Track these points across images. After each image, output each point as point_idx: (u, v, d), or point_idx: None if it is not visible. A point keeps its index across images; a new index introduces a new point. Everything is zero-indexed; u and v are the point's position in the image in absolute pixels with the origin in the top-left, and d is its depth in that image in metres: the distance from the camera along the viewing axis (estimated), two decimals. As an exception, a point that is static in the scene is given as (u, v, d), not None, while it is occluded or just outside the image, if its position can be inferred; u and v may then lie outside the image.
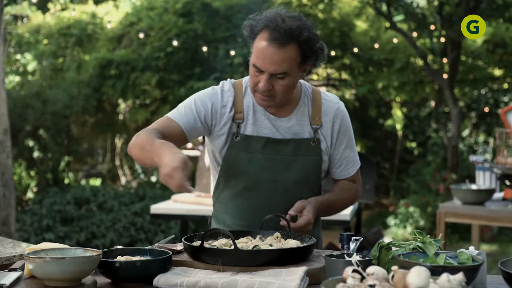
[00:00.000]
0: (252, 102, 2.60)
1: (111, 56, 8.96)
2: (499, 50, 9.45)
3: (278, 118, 2.60)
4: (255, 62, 2.46)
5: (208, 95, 2.61)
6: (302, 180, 2.59)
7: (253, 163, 2.57)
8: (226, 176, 2.61)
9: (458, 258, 1.99)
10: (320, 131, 2.61)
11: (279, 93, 2.49)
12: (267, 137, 2.58)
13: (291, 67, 2.45)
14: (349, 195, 2.73)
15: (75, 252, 2.14)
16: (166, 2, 9.39)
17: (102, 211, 8.21)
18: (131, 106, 9.54)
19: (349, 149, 2.69)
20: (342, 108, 2.67)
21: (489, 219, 5.31)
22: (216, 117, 2.58)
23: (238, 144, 2.57)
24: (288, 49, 2.42)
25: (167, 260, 2.20)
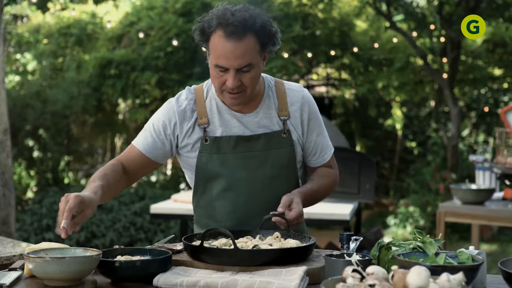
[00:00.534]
0: (215, 103, 2.57)
1: (111, 55, 8.96)
2: (499, 49, 9.45)
3: (244, 115, 2.57)
4: (216, 62, 2.42)
5: (162, 111, 2.60)
6: (278, 174, 2.57)
7: (226, 164, 2.56)
8: (202, 181, 2.60)
9: (458, 258, 1.99)
10: (289, 122, 2.59)
11: (248, 86, 2.46)
12: (237, 135, 2.56)
13: (253, 57, 2.43)
14: (328, 181, 2.71)
15: (75, 251, 2.14)
16: (166, 2, 9.39)
17: (102, 211, 8.21)
18: (131, 105, 9.54)
19: (321, 135, 2.67)
20: (307, 95, 2.65)
21: (489, 219, 5.31)
22: (176, 129, 2.57)
23: (208, 147, 2.56)
24: (247, 40, 2.40)
25: (166, 259, 2.20)
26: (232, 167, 2.56)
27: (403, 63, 8.96)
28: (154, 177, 10.50)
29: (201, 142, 2.56)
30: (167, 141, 2.58)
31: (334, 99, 9.75)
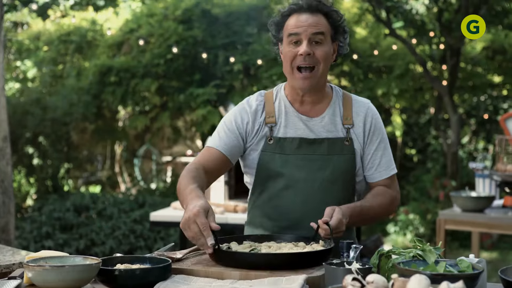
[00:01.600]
0: (284, 105, 2.63)
1: (111, 63, 8.97)
2: (498, 57, 9.46)
3: (310, 118, 2.62)
4: (290, 31, 2.52)
5: (235, 112, 2.66)
6: (337, 179, 2.60)
7: (288, 164, 2.60)
8: (262, 180, 2.64)
9: (458, 266, 1.98)
10: (353, 131, 2.63)
11: (320, 60, 2.52)
12: (301, 137, 2.60)
13: (326, 32, 2.53)
14: (383, 201, 2.66)
15: (74, 260, 2.14)
16: (166, 9, 9.40)
17: (101, 218, 8.20)
18: (131, 112, 9.54)
19: (381, 151, 2.67)
20: (373, 108, 2.69)
21: (489, 227, 5.30)
22: (248, 127, 2.63)
23: (272, 146, 2.61)
24: (319, 16, 2.53)
25: (166, 268, 2.20)
26: (293, 167, 2.60)
27: (403, 70, 8.97)
28: (154, 184, 10.50)
29: (265, 141, 2.61)
30: (241, 140, 2.63)
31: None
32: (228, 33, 8.95)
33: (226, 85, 8.80)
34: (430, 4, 9.33)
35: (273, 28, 2.63)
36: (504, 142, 5.42)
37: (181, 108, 9.08)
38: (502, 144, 5.40)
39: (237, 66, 8.63)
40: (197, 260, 2.43)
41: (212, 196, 5.63)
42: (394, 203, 2.70)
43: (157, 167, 11.06)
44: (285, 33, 2.56)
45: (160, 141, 11.17)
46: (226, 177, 5.62)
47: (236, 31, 8.95)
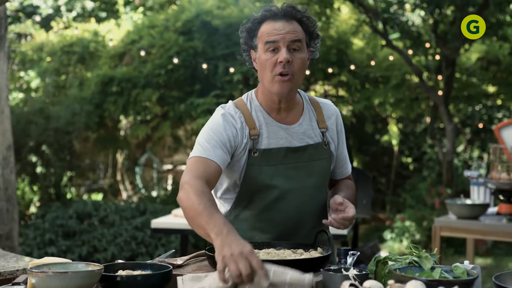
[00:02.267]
0: (261, 115, 2.55)
1: (113, 73, 8.99)
2: (493, 67, 9.48)
3: (290, 126, 2.57)
4: (267, 39, 2.45)
5: (222, 122, 2.50)
6: (322, 184, 2.63)
7: (277, 175, 2.53)
8: (248, 193, 2.55)
9: (453, 272, 1.99)
10: (328, 134, 2.64)
11: (297, 69, 2.46)
12: (286, 147, 2.55)
13: (302, 38, 2.48)
14: (353, 192, 2.74)
15: (77, 266, 2.14)
16: (166, 21, 9.42)
17: (103, 226, 8.19)
18: (132, 122, 9.55)
19: (344, 148, 2.74)
20: (337, 109, 2.73)
21: (483, 233, 5.30)
22: (237, 140, 2.50)
23: (258, 159, 2.52)
24: (294, 23, 2.48)
25: (167, 274, 2.20)
26: (282, 178, 2.54)
27: (399, 80, 8.99)
28: (155, 192, 10.50)
29: (249, 155, 2.51)
30: (229, 154, 2.49)
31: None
32: (228, 44, 8.97)
33: (226, 95, 8.81)
34: (426, 16, 9.36)
35: (245, 35, 2.55)
36: (499, 150, 5.42)
37: (181, 117, 9.09)
38: (497, 152, 5.41)
39: (237, 76, 8.64)
40: (197, 266, 2.43)
41: (212, 204, 5.64)
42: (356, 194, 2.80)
43: (158, 175, 11.06)
44: (261, 40, 2.48)
45: (161, 150, 11.18)
46: (226, 185, 5.62)
47: (235, 42, 8.96)
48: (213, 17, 9.12)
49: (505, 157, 5.45)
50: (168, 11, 9.88)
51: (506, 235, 5.07)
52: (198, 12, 9.19)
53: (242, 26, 2.56)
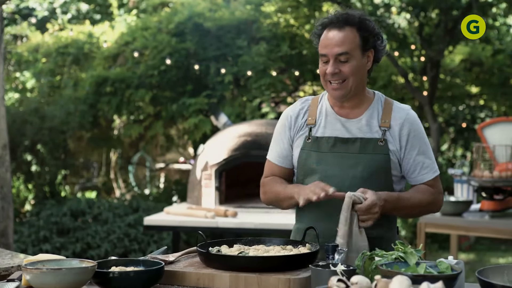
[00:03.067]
0: (325, 107, 2.72)
1: (107, 74, 8.95)
2: (476, 68, 9.51)
3: (349, 120, 2.67)
4: (321, 52, 2.61)
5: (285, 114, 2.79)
6: (368, 177, 2.61)
7: (323, 162, 2.65)
8: (301, 176, 2.70)
9: (437, 268, 1.99)
10: (389, 133, 2.64)
11: (347, 75, 2.57)
12: (335, 136, 2.66)
13: (352, 48, 2.57)
14: (423, 197, 2.68)
15: (71, 263, 2.13)
16: (159, 23, 9.39)
17: (97, 223, 8.16)
18: (126, 121, 9.51)
19: (423, 155, 2.68)
20: (413, 115, 2.71)
21: (466, 230, 5.32)
22: (295, 127, 2.73)
23: (309, 145, 2.68)
24: (347, 30, 2.58)
25: (159, 270, 2.19)
26: (327, 165, 2.65)
27: (386, 81, 9.00)
28: (148, 190, 10.47)
29: (304, 140, 2.69)
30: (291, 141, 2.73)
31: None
32: (219, 46, 8.95)
33: (217, 95, 8.79)
34: (411, 18, 9.37)
35: (315, 40, 2.69)
36: (481, 149, 5.44)
37: (174, 117, 9.06)
38: (480, 151, 5.43)
39: (228, 77, 8.62)
40: (188, 263, 2.43)
41: (203, 201, 5.63)
42: (436, 201, 2.71)
43: (151, 173, 11.03)
44: (319, 49, 2.65)
45: (154, 149, 11.14)
46: (217, 182, 5.61)
47: (227, 44, 8.96)
48: (205, 19, 9.10)
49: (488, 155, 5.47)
50: (161, 14, 9.85)
51: (489, 231, 5.10)
52: (190, 15, 9.17)
53: (313, 31, 2.71)
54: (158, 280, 2.21)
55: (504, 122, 5.50)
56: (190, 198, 5.86)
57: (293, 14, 9.14)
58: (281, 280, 2.17)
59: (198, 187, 5.72)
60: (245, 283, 2.20)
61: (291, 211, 5.35)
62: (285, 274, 2.20)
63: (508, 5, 9.24)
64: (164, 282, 2.26)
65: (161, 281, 2.24)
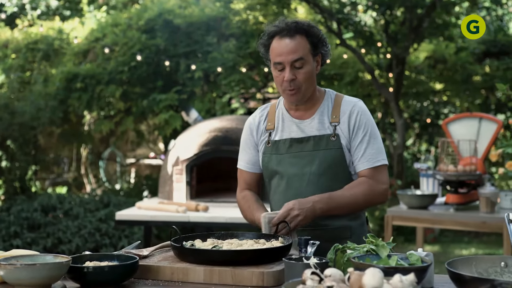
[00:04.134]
0: (281, 113, 2.82)
1: (77, 70, 8.84)
2: (440, 65, 9.60)
3: (303, 121, 2.77)
4: (274, 60, 2.67)
5: (247, 123, 2.90)
6: (324, 172, 2.69)
7: (282, 163, 2.75)
8: (266, 179, 2.84)
9: (408, 260, 2.00)
10: (339, 127, 2.71)
11: (302, 81, 2.66)
12: (291, 137, 2.76)
13: (305, 53, 2.66)
14: (359, 190, 2.68)
15: (45, 258, 2.09)
16: (129, 19, 9.31)
17: (68, 218, 8.07)
18: (96, 117, 9.41)
19: (365, 144, 2.72)
20: (359, 106, 2.75)
21: (432, 222, 5.37)
22: (258, 134, 2.85)
23: (270, 149, 2.79)
24: (298, 38, 2.65)
25: (134, 265, 2.17)
26: (286, 165, 2.74)
27: (353, 78, 9.04)
28: (118, 185, 10.38)
29: (265, 145, 2.81)
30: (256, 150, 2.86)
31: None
32: (189, 42, 8.90)
33: (187, 91, 8.75)
34: (378, 16, 9.43)
35: (262, 49, 2.75)
36: (446, 144, 5.50)
37: (144, 112, 9.00)
38: (444, 146, 5.48)
39: (198, 73, 8.59)
40: (162, 257, 2.40)
41: (175, 196, 5.60)
42: (375, 193, 2.71)
43: (121, 168, 10.94)
44: (271, 57, 2.70)
45: (124, 144, 11.06)
46: (188, 177, 5.59)
47: (196, 40, 8.91)
48: (175, 16, 9.04)
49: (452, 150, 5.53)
50: (131, 10, 9.76)
51: (453, 223, 5.16)
52: (160, 11, 9.10)
53: (258, 40, 2.77)
54: (133, 275, 2.18)
55: (468, 118, 5.56)
56: (161, 193, 5.82)
57: (262, 11, 9.13)
58: (254, 274, 2.16)
59: (170, 182, 5.69)
60: (219, 276, 2.19)
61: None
62: (258, 268, 2.20)
63: (470, 4, 9.36)
64: (138, 277, 2.23)
65: (135, 276, 2.22)
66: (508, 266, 1.99)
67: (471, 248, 8.50)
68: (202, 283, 2.19)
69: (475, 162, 5.28)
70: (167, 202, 5.37)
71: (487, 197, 4.96)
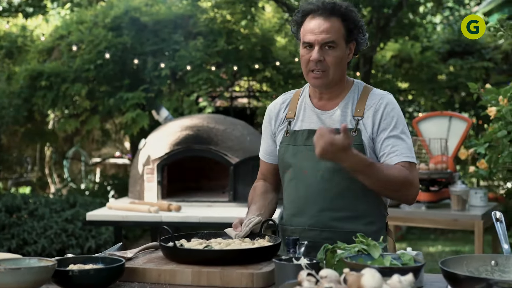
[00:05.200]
0: (304, 102, 2.64)
1: (42, 68, 8.66)
2: (405, 65, 9.69)
3: (324, 112, 2.60)
4: (304, 39, 2.52)
5: (268, 109, 2.76)
6: (338, 168, 2.44)
7: (298, 155, 2.58)
8: (281, 171, 2.68)
9: (401, 259, 1.98)
10: (362, 122, 2.53)
11: (330, 65, 2.50)
12: (309, 129, 2.58)
13: (338, 37, 2.51)
14: (396, 173, 2.41)
15: (29, 262, 2.02)
16: (95, 17, 9.17)
17: (33, 218, 7.90)
18: (61, 116, 9.24)
19: (394, 138, 2.49)
20: (386, 99, 2.56)
21: (404, 220, 5.41)
22: (276, 122, 2.70)
23: (287, 139, 2.63)
24: (333, 20, 2.50)
25: (120, 267, 2.11)
26: (301, 158, 2.58)
27: (320, 76, 9.04)
28: (84, 185, 10.23)
29: (283, 134, 2.66)
30: (274, 139, 2.73)
31: (257, 109, 9.75)
32: (156, 40, 8.80)
33: (155, 90, 8.65)
34: (344, 15, 9.45)
35: (294, 26, 2.61)
36: (417, 143, 5.53)
37: (111, 111, 8.87)
38: (415, 144, 5.52)
39: (165, 71, 8.50)
40: (147, 259, 2.35)
41: (146, 196, 5.52)
42: (410, 183, 2.45)
43: (86, 168, 10.78)
44: (301, 36, 2.55)
45: (89, 143, 10.90)
46: (159, 177, 5.52)
47: (163, 39, 8.82)
48: (142, 14, 8.93)
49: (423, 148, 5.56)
50: (97, 8, 9.60)
51: (425, 221, 5.19)
52: (127, 9, 8.98)
53: (293, 17, 2.61)
54: (119, 277, 2.13)
55: (439, 116, 5.61)
56: (132, 193, 5.74)
57: (230, 10, 9.08)
58: (244, 275, 2.12)
59: (140, 181, 5.61)
60: (207, 278, 2.14)
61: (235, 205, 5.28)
62: (247, 269, 2.16)
63: (436, 4, 9.47)
64: (124, 279, 2.18)
65: (121, 278, 2.16)
66: (499, 265, 1.99)
67: (438, 245, 8.59)
68: (190, 285, 2.15)
69: (445, 161, 5.32)
70: (139, 202, 5.29)
71: (458, 195, 5.00)
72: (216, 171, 6.16)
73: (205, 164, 6.13)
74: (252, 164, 5.30)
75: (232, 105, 10.47)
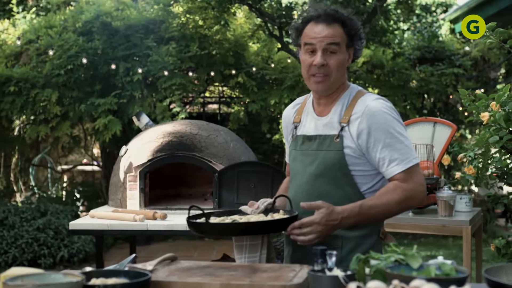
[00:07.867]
0: (308, 107, 2.73)
1: (10, 72, 8.43)
2: (377, 71, 9.73)
3: (320, 118, 2.67)
4: (306, 41, 2.57)
5: (283, 114, 2.88)
6: (321, 174, 2.59)
7: (295, 159, 2.73)
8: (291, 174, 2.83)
9: (441, 269, 1.93)
10: (347, 129, 2.56)
11: (333, 69, 2.53)
12: (303, 134, 2.70)
13: (341, 42, 2.56)
14: (391, 198, 2.48)
15: (55, 277, 1.91)
16: (65, 21, 8.97)
17: (3, 227, 7.68)
18: (30, 122, 9.00)
19: (389, 147, 2.49)
20: (373, 107, 2.52)
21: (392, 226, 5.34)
22: (289, 126, 2.82)
23: (293, 143, 2.76)
24: (334, 26, 2.56)
25: (146, 282, 2.01)
26: (296, 162, 2.71)
27: (293, 82, 9.01)
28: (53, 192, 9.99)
29: (291, 138, 2.79)
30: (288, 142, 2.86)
31: (230, 115, 9.66)
32: (128, 45, 8.65)
33: (127, 95, 8.51)
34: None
35: (293, 33, 2.66)
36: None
37: (82, 117, 8.68)
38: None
39: (137, 76, 8.36)
40: (168, 271, 2.26)
41: (129, 204, 5.39)
42: (409, 197, 2.50)
43: (53, 175, 10.53)
44: (303, 41, 2.59)
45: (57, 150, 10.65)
46: (142, 184, 5.39)
47: (135, 44, 8.68)
48: (113, 19, 8.78)
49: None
50: (66, 12, 9.40)
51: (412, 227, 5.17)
52: (97, 13, 8.81)
53: (292, 24, 2.65)
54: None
55: (424, 122, 5.59)
56: (112, 201, 5.58)
57: (202, 15, 8.99)
58: (276, 287, 2.04)
59: (122, 189, 5.47)
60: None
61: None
62: (278, 280, 2.09)
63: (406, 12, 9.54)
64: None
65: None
66: (537, 273, 1.96)
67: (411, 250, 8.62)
68: (217, 298, 2.06)
69: (430, 166, 5.32)
70: (122, 211, 5.15)
71: (445, 200, 5.00)
72: (197, 178, 6.06)
73: (185, 171, 6.02)
74: (237, 170, 5.21)
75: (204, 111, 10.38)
